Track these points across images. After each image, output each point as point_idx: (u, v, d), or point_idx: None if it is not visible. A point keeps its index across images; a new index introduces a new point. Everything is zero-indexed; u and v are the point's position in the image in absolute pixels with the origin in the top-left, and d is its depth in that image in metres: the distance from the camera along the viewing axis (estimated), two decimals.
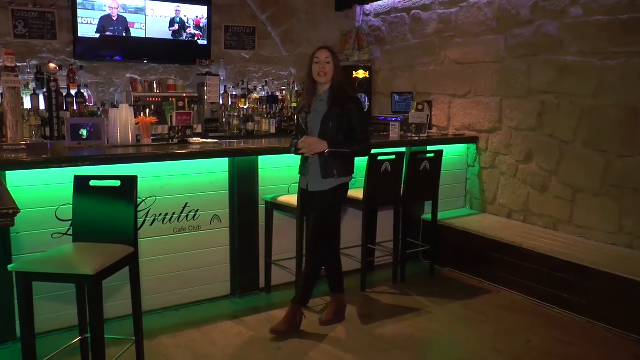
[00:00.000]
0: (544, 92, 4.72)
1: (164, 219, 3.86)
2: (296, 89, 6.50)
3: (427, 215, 4.97)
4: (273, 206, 4.21)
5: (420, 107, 5.32)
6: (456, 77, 5.55)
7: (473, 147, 5.40)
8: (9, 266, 2.69)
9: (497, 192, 5.21)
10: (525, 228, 4.77)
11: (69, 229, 3.47)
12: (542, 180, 4.77)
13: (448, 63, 5.64)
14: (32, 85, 5.23)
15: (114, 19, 5.65)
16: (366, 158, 4.19)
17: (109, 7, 5.59)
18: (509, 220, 5.05)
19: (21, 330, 2.67)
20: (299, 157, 3.67)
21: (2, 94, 4.35)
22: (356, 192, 4.32)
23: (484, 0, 5.18)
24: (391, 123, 5.27)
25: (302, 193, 3.78)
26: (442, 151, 4.69)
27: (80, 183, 2.98)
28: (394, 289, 4.48)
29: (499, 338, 3.63)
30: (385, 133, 5.46)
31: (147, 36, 5.84)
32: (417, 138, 5.11)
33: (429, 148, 4.81)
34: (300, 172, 3.71)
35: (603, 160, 4.31)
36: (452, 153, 5.29)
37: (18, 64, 4.05)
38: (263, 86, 6.60)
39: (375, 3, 6.53)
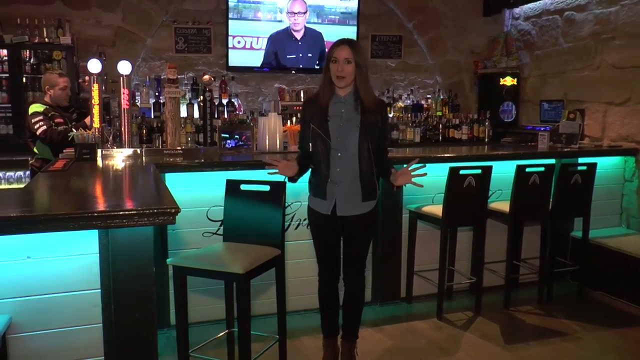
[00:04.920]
0: None
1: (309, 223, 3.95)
2: (442, 97, 6.40)
3: (577, 233, 4.62)
4: (417, 216, 4.16)
5: (571, 115, 5.01)
6: (613, 83, 5.12)
7: (631, 160, 4.95)
8: (167, 260, 2.91)
9: None
10: None
11: (218, 229, 3.68)
12: None
13: (604, 68, 5.23)
14: (188, 95, 5.65)
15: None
16: (514, 169, 4.01)
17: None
18: None
19: (176, 318, 2.88)
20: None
21: (164, 103, 4.74)
22: (502, 205, 4.15)
23: None
24: (540, 133, 5.01)
25: (320, 218, 3.05)
26: (595, 164, 4.36)
27: (232, 186, 3.15)
28: (539, 309, 4.22)
29: None
30: (533, 143, 5.20)
31: None
32: (567, 149, 4.80)
33: (581, 160, 4.52)
34: (315, 195, 3.06)
35: None
36: (607, 166, 4.88)
37: (178, 76, 4.40)
38: (408, 94, 6.58)
39: (525, 6, 6.24)
